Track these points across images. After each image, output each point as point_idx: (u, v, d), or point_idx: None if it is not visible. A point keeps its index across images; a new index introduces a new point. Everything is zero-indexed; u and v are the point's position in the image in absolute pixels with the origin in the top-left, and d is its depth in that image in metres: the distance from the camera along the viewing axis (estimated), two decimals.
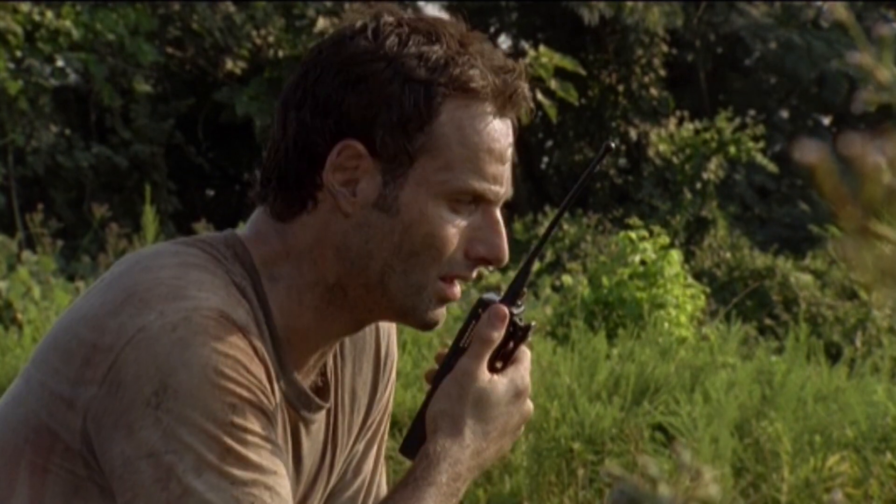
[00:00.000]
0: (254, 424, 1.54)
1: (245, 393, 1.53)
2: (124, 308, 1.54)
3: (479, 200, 1.64)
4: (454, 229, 1.63)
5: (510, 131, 1.67)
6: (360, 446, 1.84)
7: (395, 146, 1.61)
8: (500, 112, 1.65)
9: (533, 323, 1.72)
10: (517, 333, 1.69)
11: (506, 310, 1.68)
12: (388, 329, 1.85)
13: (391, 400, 1.87)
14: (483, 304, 1.69)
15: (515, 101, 1.66)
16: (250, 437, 1.53)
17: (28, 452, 1.58)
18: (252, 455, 1.53)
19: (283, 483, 1.56)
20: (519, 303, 1.70)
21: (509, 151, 1.66)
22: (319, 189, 1.63)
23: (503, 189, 1.66)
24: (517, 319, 1.69)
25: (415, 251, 1.62)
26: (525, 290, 1.71)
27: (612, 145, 1.70)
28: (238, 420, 1.52)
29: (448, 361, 1.69)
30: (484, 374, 1.67)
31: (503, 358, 1.70)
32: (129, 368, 1.51)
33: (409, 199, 1.62)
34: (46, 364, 1.58)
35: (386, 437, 1.89)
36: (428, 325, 1.67)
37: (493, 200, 1.65)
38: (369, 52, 1.62)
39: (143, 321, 1.52)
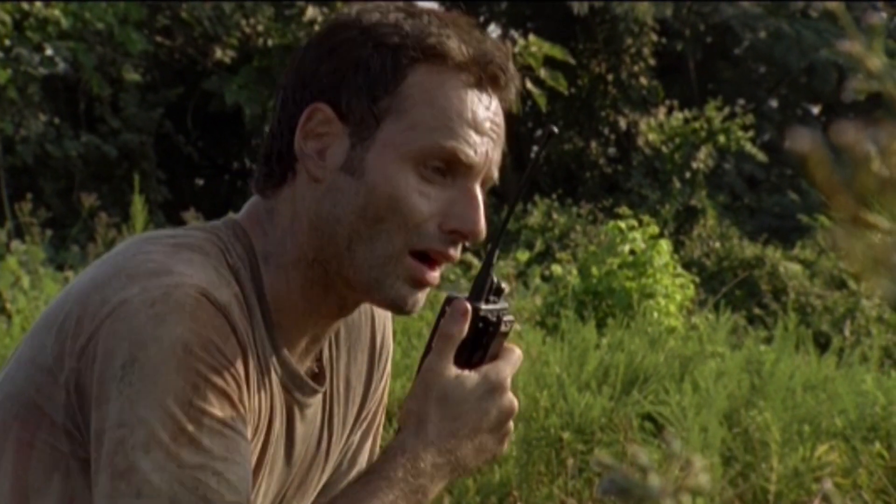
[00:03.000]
0: (213, 408, 1.51)
1: (211, 375, 1.51)
2: (110, 283, 1.54)
3: (454, 171, 1.60)
4: (421, 197, 1.59)
5: (491, 104, 1.63)
6: (356, 437, 1.83)
7: (362, 109, 1.59)
8: (477, 84, 1.62)
9: (507, 318, 1.67)
10: (488, 329, 1.66)
11: (467, 305, 1.64)
12: (384, 321, 1.84)
13: (386, 392, 1.87)
14: (448, 301, 1.66)
15: (493, 75, 1.62)
16: (206, 421, 1.51)
17: (16, 429, 1.58)
18: (205, 439, 1.50)
19: (234, 470, 1.53)
20: (492, 298, 1.66)
21: (488, 124, 1.62)
22: (296, 159, 1.63)
23: (477, 156, 1.61)
24: (488, 314, 1.65)
25: (379, 216, 1.59)
26: (503, 285, 1.67)
27: (555, 129, 1.65)
28: (198, 401, 1.50)
29: (422, 360, 1.67)
30: (448, 370, 1.64)
31: (481, 354, 1.67)
32: (105, 341, 1.51)
33: (375, 161, 1.59)
34: (35, 340, 1.59)
35: (381, 428, 1.87)
36: (396, 304, 1.63)
37: (465, 163, 1.60)
38: (348, 24, 1.62)
39: (125, 295, 1.52)
